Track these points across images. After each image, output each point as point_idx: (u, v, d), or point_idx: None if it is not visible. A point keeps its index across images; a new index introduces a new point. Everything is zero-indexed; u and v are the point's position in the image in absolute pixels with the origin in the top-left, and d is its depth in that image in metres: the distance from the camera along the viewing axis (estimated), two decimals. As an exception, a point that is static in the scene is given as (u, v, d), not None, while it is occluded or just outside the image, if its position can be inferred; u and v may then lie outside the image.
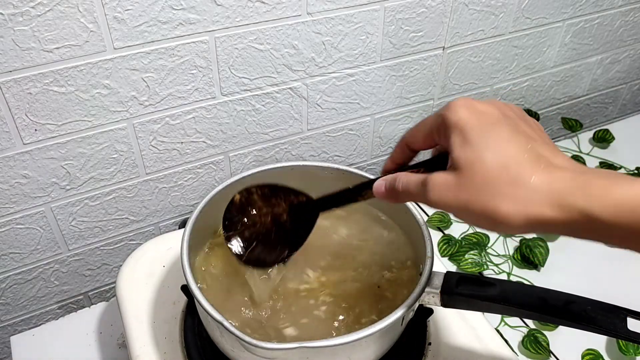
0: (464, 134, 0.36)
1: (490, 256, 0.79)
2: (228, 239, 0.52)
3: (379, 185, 0.43)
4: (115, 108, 0.66)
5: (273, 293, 0.55)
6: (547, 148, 0.36)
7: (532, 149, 0.36)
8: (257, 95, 0.74)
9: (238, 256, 0.52)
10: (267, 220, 0.53)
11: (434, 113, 0.40)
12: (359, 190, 0.47)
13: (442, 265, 0.69)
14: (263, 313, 0.54)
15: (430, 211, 0.85)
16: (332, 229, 0.63)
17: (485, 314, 0.62)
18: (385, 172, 0.45)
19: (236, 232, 0.52)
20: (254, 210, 0.53)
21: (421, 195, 0.38)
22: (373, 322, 0.46)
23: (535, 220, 0.34)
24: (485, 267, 0.77)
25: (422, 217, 0.56)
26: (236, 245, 0.52)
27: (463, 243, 0.80)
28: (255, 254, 0.52)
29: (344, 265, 0.59)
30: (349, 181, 0.62)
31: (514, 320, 0.70)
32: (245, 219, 0.53)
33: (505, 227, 0.35)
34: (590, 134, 1.04)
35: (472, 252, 0.79)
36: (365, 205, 0.63)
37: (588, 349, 0.66)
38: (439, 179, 0.37)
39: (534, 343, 0.66)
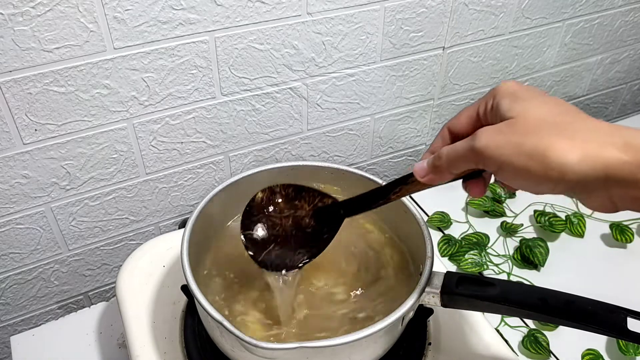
0: (514, 95, 0.36)
1: (490, 256, 0.79)
2: (245, 238, 0.50)
3: (420, 165, 0.40)
4: (115, 108, 0.66)
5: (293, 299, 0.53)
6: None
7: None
8: (257, 95, 0.74)
9: (253, 257, 0.50)
10: (289, 222, 0.51)
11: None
12: (391, 187, 0.45)
13: (442, 265, 0.69)
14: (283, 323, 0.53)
15: (430, 211, 0.85)
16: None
17: (485, 314, 0.62)
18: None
19: (254, 231, 0.51)
20: (276, 210, 0.51)
21: (469, 149, 0.36)
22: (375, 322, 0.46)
23: (595, 159, 0.30)
24: (485, 267, 0.77)
25: (422, 217, 0.56)
26: (253, 245, 0.50)
27: (463, 243, 0.80)
28: (272, 256, 0.50)
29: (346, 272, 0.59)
30: (349, 181, 0.62)
31: (514, 320, 0.70)
32: (266, 219, 0.51)
33: (558, 171, 0.31)
34: (590, 134, 1.04)
35: (472, 252, 0.79)
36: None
37: (588, 349, 0.66)
38: (490, 128, 0.35)
39: (534, 343, 0.66)
